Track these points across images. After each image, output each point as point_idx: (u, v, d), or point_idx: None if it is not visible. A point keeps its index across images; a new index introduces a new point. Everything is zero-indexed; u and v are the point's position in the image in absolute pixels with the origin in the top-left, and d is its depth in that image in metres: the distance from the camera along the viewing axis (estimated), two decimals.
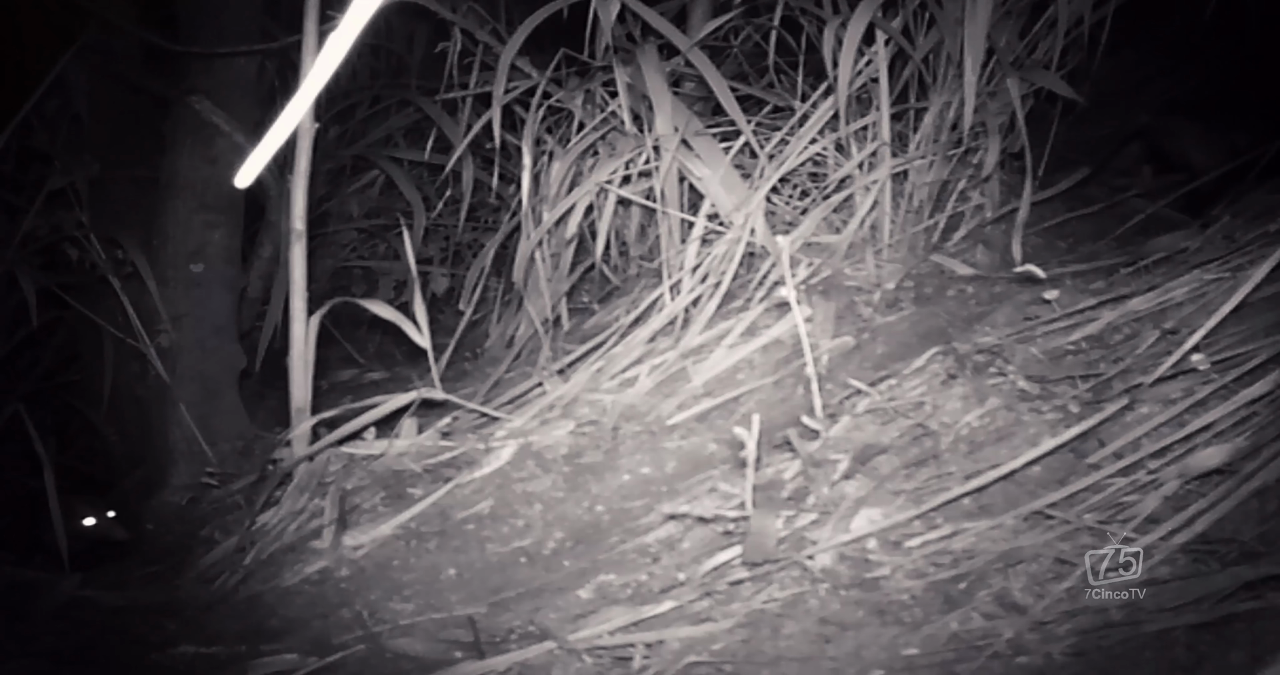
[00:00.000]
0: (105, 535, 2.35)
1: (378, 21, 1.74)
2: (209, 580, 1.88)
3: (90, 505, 2.36)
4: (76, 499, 2.36)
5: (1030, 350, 1.66)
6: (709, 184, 2.03)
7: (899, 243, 2.07)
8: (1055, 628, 1.21)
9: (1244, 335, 1.50)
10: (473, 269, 2.43)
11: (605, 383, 1.96)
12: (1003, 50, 2.01)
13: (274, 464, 1.93)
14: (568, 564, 1.60)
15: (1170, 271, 1.73)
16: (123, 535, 2.35)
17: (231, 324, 2.57)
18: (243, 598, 1.72)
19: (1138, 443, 1.41)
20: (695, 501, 1.59)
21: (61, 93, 2.51)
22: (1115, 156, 2.65)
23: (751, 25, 2.29)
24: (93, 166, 2.46)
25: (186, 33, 2.49)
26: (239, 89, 2.53)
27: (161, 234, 2.47)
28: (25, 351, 2.67)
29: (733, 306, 2.00)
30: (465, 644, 1.44)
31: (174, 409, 2.40)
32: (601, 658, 1.34)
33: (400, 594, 1.61)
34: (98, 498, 2.43)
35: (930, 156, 2.07)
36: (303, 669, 1.42)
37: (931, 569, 1.34)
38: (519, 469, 1.81)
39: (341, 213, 3.03)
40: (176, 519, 2.27)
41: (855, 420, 1.62)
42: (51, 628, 1.71)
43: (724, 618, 1.35)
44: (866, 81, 2.02)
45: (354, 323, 2.95)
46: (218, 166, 2.44)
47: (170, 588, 1.89)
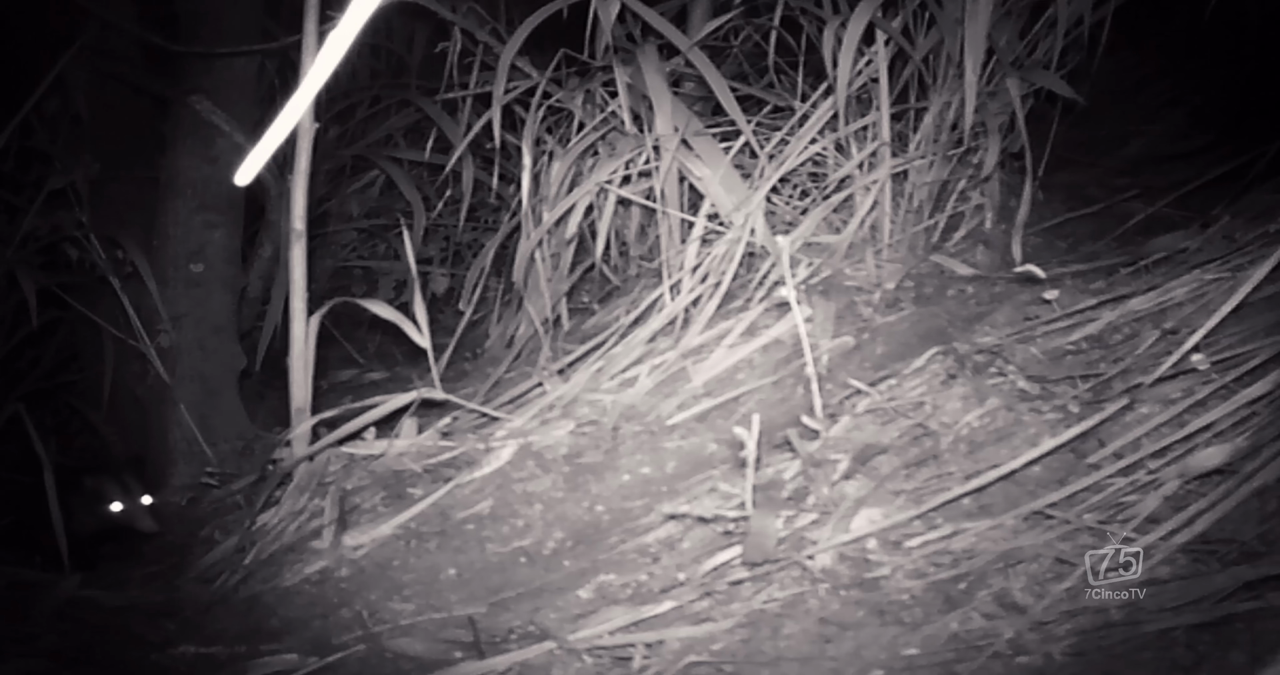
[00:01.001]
0: (129, 523, 2.17)
1: (378, 21, 1.74)
2: (209, 580, 1.88)
3: (123, 489, 2.18)
4: (108, 479, 2.19)
5: (1030, 350, 1.66)
6: (709, 184, 2.03)
7: (899, 243, 2.07)
8: (1055, 628, 1.21)
9: (1244, 335, 1.50)
10: (473, 269, 2.43)
11: (605, 383, 1.96)
12: (1003, 50, 2.01)
13: (274, 464, 1.93)
14: (568, 564, 1.60)
15: (1170, 271, 1.73)
16: (150, 528, 2.17)
17: (231, 324, 2.57)
18: (243, 598, 1.72)
19: (1138, 443, 1.41)
20: (695, 501, 1.59)
21: (61, 93, 2.51)
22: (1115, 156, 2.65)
23: (751, 25, 2.29)
24: (93, 166, 2.46)
25: (186, 33, 2.49)
26: (239, 89, 2.53)
27: (161, 234, 2.47)
28: (25, 351, 2.66)
29: (733, 306, 2.00)
30: (465, 644, 1.44)
31: (174, 409, 2.40)
32: (601, 658, 1.34)
33: (400, 594, 1.61)
34: (136, 481, 2.23)
35: (930, 156, 2.07)
36: (303, 669, 1.42)
37: (931, 569, 1.34)
38: (519, 469, 1.81)
39: (341, 213, 3.03)
40: (176, 519, 2.27)
41: (855, 420, 1.62)
42: (51, 628, 1.71)
43: (724, 618, 1.35)
44: (866, 81, 2.02)
45: (354, 323, 2.95)
46: (218, 166, 2.45)
47: (170, 588, 1.90)
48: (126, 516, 2.17)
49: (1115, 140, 2.72)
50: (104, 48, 2.49)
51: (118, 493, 2.17)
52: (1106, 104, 2.61)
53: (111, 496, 2.17)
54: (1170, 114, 2.77)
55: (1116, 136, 2.73)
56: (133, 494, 2.19)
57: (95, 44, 2.46)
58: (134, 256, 2.39)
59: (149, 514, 2.18)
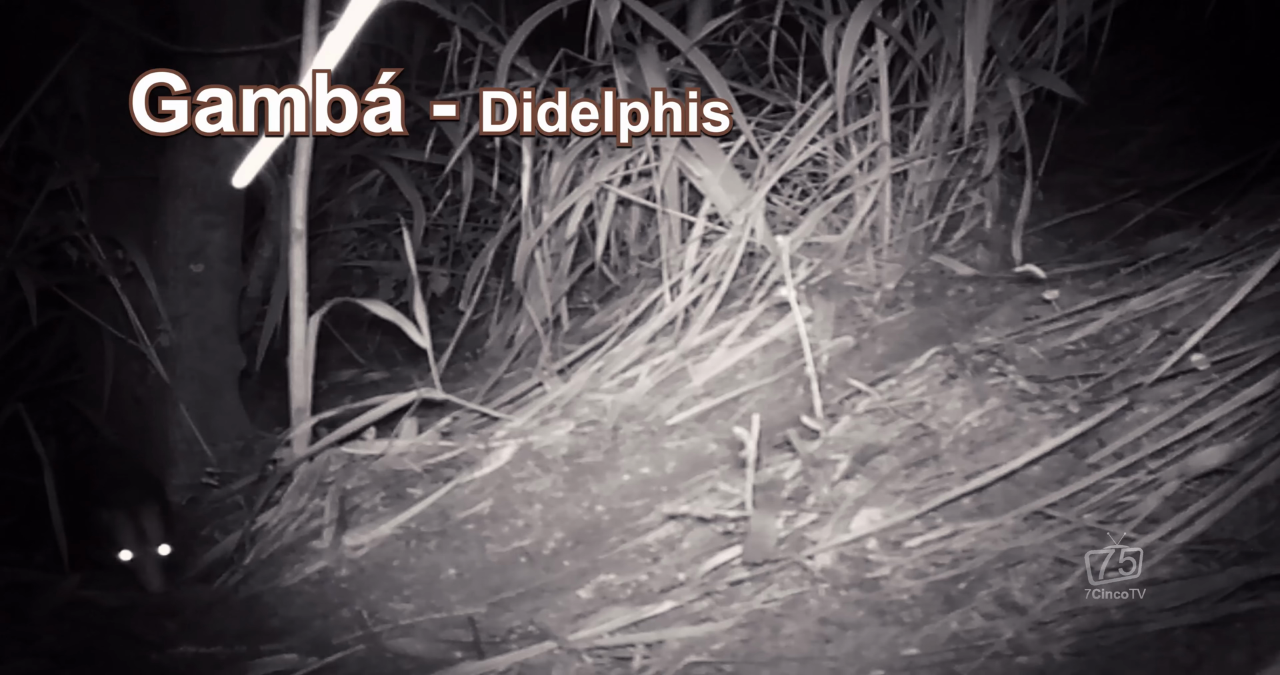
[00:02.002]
0: (136, 574, 1.88)
1: (378, 21, 1.74)
2: (209, 580, 1.88)
3: (137, 534, 1.87)
4: (123, 519, 1.89)
5: (1030, 350, 1.66)
6: (709, 184, 2.03)
7: (899, 243, 2.07)
8: (1055, 628, 1.21)
9: (1244, 335, 1.50)
10: (473, 269, 2.43)
11: (605, 383, 1.96)
12: (1003, 50, 2.01)
13: (274, 464, 1.93)
14: (568, 564, 1.60)
15: (1170, 271, 1.73)
16: (155, 587, 1.86)
17: (231, 324, 2.57)
18: (243, 598, 1.73)
19: (1138, 443, 1.41)
20: (695, 501, 1.59)
21: (61, 93, 2.51)
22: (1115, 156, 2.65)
23: (751, 25, 2.29)
24: (93, 166, 2.46)
25: (186, 33, 2.49)
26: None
27: (161, 234, 2.47)
28: (25, 351, 2.66)
29: (733, 306, 2.00)
30: (465, 644, 1.44)
31: (174, 409, 2.40)
32: (601, 658, 1.34)
33: (400, 594, 1.61)
34: (156, 522, 1.91)
35: (930, 156, 2.07)
36: (303, 669, 1.42)
37: (931, 569, 1.34)
38: (519, 469, 1.81)
39: (341, 213, 3.03)
40: (176, 519, 2.26)
41: (855, 420, 1.62)
42: (51, 628, 1.71)
43: (724, 618, 1.35)
44: (866, 81, 2.02)
45: (354, 323, 2.94)
46: (218, 166, 2.45)
47: (170, 588, 1.90)
48: (135, 566, 1.89)
49: (1115, 140, 2.72)
50: (104, 48, 2.49)
51: (130, 538, 1.89)
52: (1106, 104, 2.61)
53: (123, 542, 1.89)
54: (1170, 114, 2.77)
55: (1116, 136, 2.73)
56: (148, 542, 1.90)
57: (95, 44, 2.46)
58: (134, 256, 2.39)
59: (160, 570, 1.88)
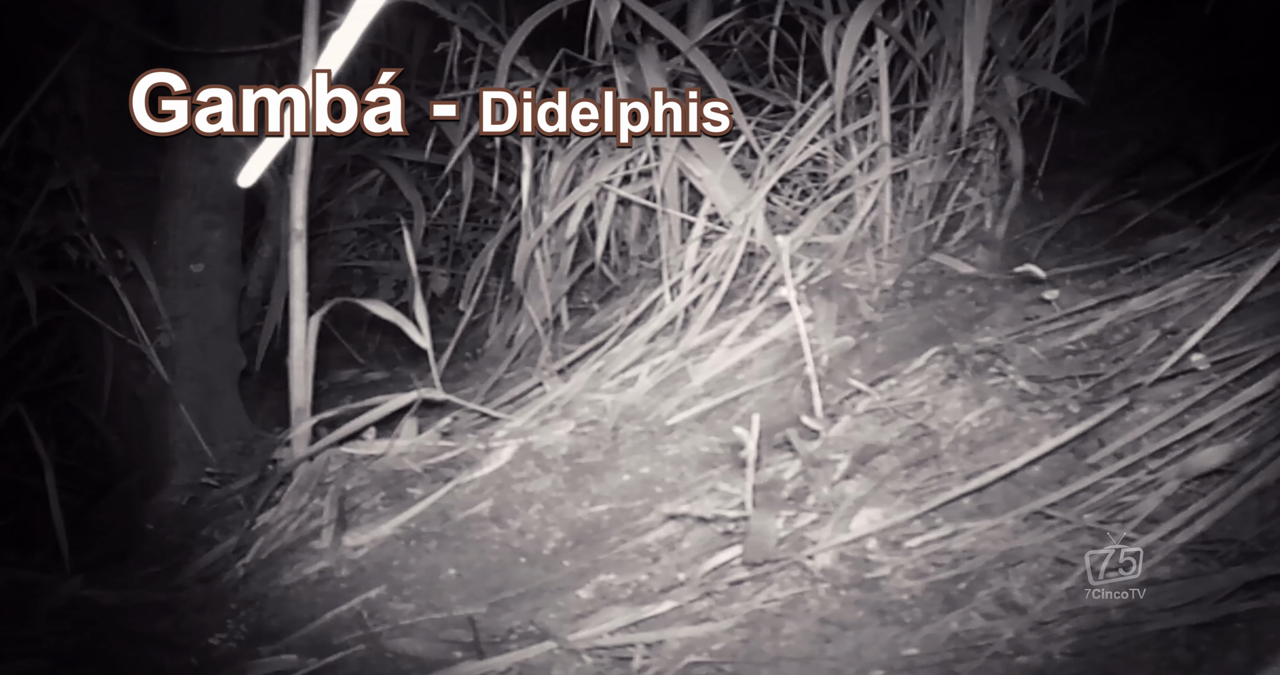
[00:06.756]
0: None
1: (378, 21, 1.74)
2: (209, 580, 1.88)
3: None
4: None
5: (1030, 350, 1.66)
6: (709, 184, 2.03)
7: (899, 243, 2.07)
8: (1055, 628, 1.21)
9: (1244, 335, 1.50)
10: (473, 269, 2.44)
11: (605, 383, 1.96)
12: (1003, 50, 2.01)
13: (274, 464, 1.93)
14: (568, 564, 1.60)
15: (1170, 271, 1.73)
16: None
17: (231, 324, 2.57)
18: (243, 598, 1.72)
19: (1138, 443, 1.41)
20: (695, 501, 1.59)
21: (61, 93, 2.51)
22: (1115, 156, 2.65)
23: (751, 25, 2.29)
24: (93, 166, 2.46)
25: (186, 33, 2.49)
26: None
27: (161, 234, 2.47)
28: (25, 351, 2.67)
29: (733, 306, 2.00)
30: (465, 644, 1.44)
31: (174, 409, 2.40)
32: (601, 658, 1.34)
33: (400, 594, 1.61)
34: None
35: (930, 156, 2.07)
36: (303, 669, 1.42)
37: (931, 569, 1.34)
38: (519, 469, 1.81)
39: (341, 213, 3.03)
40: (176, 519, 2.26)
41: (855, 420, 1.62)
42: (51, 628, 1.71)
43: (724, 618, 1.35)
44: (867, 81, 2.02)
45: (354, 323, 2.95)
46: (218, 166, 2.45)
47: (170, 588, 1.89)
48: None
49: (1115, 140, 2.72)
50: (104, 48, 2.49)
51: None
52: (1106, 104, 2.60)
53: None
54: (1170, 114, 2.77)
55: (1116, 136, 2.73)
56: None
57: (95, 44, 2.46)
58: (134, 256, 2.39)
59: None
